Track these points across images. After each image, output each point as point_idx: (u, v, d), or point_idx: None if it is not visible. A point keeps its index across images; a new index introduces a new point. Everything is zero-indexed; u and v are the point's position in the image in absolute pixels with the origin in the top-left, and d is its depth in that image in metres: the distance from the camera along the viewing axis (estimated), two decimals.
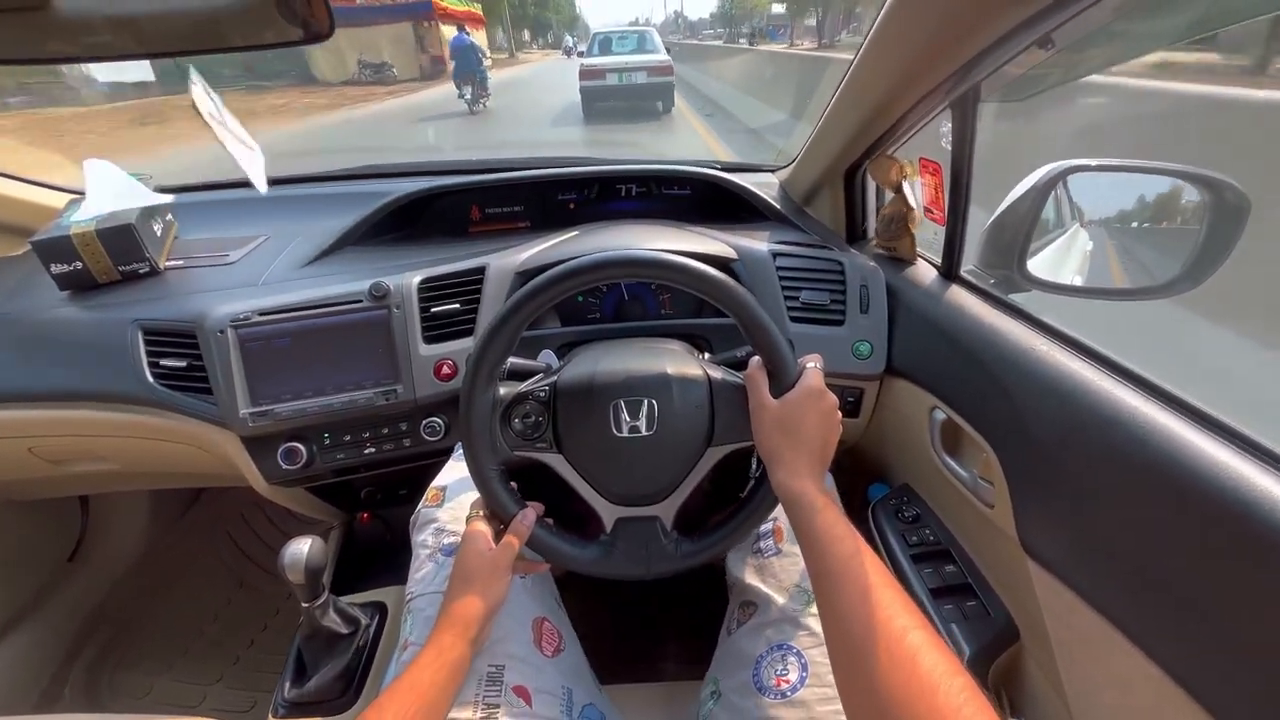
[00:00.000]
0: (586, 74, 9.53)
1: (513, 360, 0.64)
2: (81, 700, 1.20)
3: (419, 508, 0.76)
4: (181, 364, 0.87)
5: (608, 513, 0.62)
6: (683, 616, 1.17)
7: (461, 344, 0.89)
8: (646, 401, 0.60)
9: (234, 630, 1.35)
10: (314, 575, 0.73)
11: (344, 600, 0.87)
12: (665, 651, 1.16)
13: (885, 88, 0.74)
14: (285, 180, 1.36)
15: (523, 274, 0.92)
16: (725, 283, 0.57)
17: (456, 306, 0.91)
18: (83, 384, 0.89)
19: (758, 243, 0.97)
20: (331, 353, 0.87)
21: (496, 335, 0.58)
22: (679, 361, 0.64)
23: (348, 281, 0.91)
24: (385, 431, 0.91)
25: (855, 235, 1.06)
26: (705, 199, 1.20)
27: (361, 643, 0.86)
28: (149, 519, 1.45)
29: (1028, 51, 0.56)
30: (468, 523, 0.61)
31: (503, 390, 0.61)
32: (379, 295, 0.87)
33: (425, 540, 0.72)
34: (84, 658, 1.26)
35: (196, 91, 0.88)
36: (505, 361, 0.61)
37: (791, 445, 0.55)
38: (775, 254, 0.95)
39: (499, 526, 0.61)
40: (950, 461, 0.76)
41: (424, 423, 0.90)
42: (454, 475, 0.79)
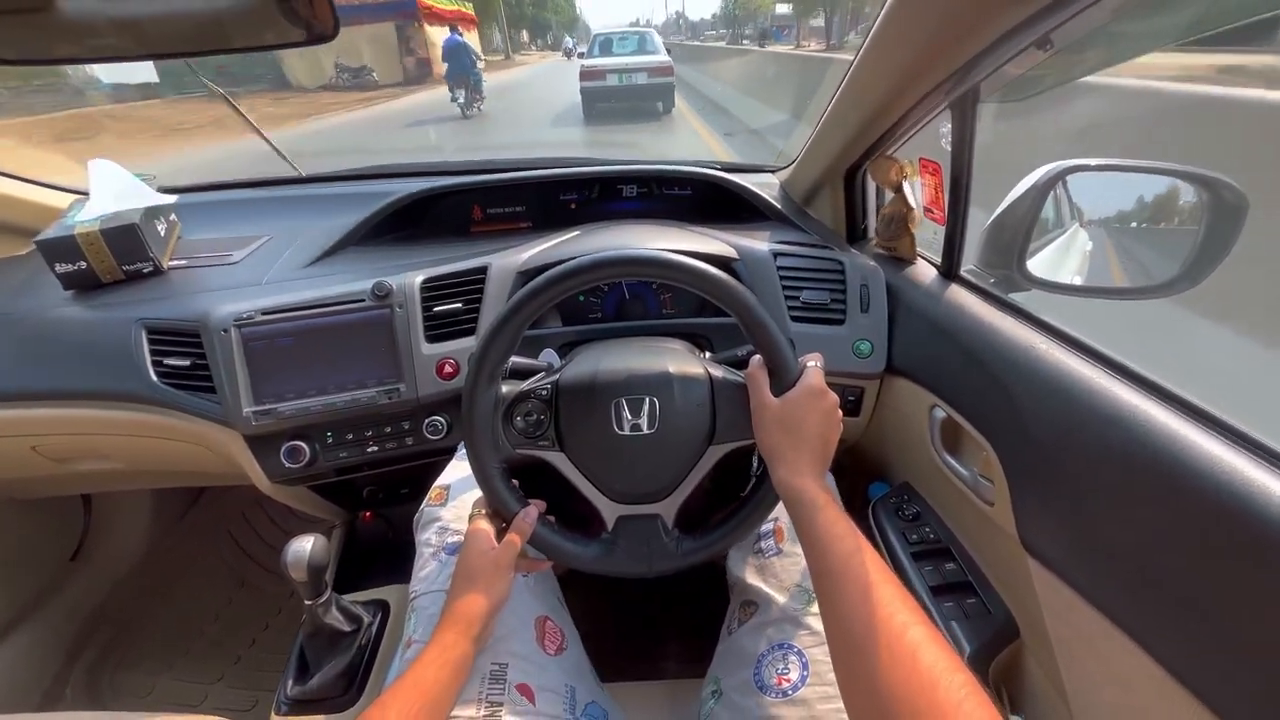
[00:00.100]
0: (587, 75, 9.55)
1: (515, 359, 0.64)
2: (83, 699, 1.20)
3: (422, 506, 0.76)
4: (185, 363, 0.88)
5: (609, 511, 0.62)
6: (684, 615, 1.17)
7: (463, 343, 0.90)
8: (648, 400, 0.60)
9: (236, 629, 1.35)
10: (317, 573, 0.73)
11: (346, 598, 0.88)
12: (666, 650, 1.16)
13: (885, 88, 0.74)
14: (287, 181, 1.37)
15: (524, 274, 0.92)
16: (726, 282, 0.57)
17: (459, 306, 0.91)
18: (86, 383, 0.90)
19: (758, 242, 0.98)
20: (334, 352, 0.87)
21: (499, 334, 0.58)
22: (680, 360, 0.64)
23: (350, 281, 0.92)
24: (388, 430, 0.91)
25: (856, 235, 1.07)
26: (706, 199, 1.20)
27: (364, 640, 0.87)
28: (151, 518, 1.45)
29: (1026, 52, 0.57)
30: (470, 521, 0.61)
31: (505, 389, 0.62)
32: (381, 295, 0.88)
33: (429, 539, 0.72)
34: (86, 657, 1.26)
35: None
36: (507, 360, 0.61)
37: (792, 444, 0.56)
38: (776, 253, 0.96)
39: (501, 525, 0.61)
40: (950, 460, 0.76)
41: (426, 421, 0.90)
42: (457, 474, 0.79)
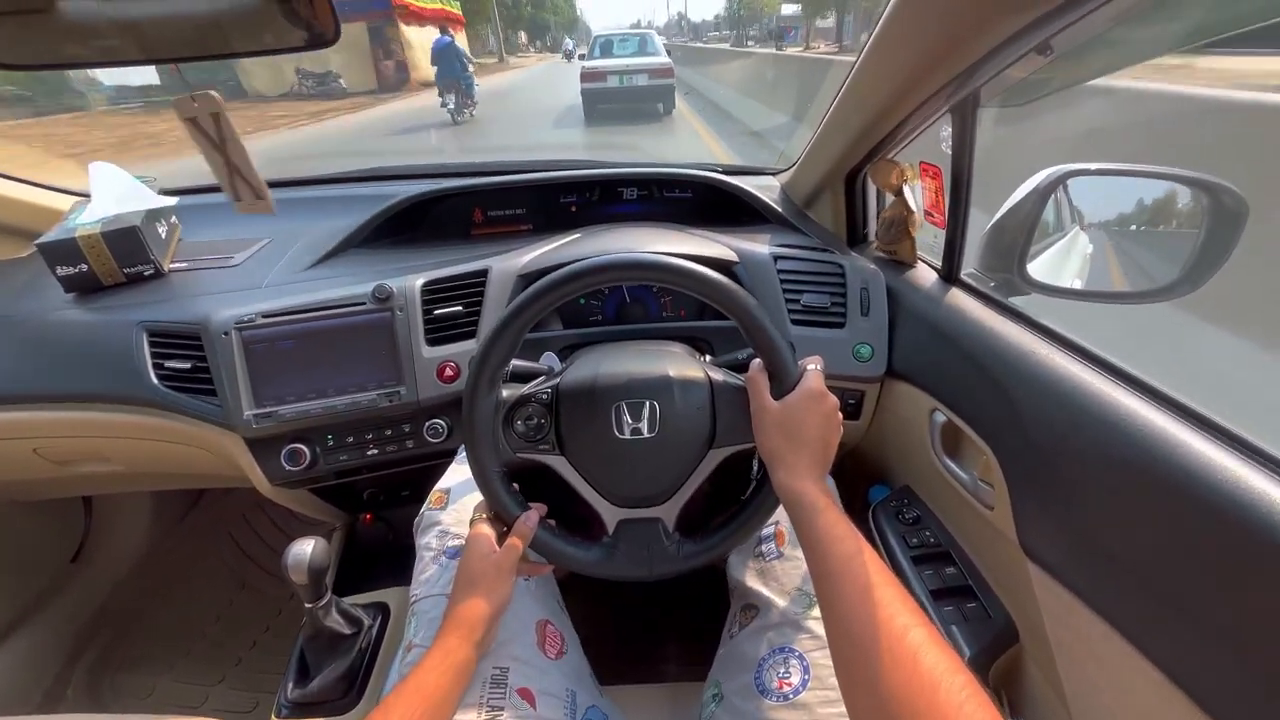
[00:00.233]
0: (588, 76, 9.60)
1: (515, 363, 0.64)
2: (84, 700, 1.20)
3: (423, 510, 0.76)
4: (186, 366, 0.88)
5: (610, 514, 0.62)
6: (684, 619, 1.17)
7: (464, 346, 0.90)
8: (648, 403, 0.60)
9: (236, 631, 1.35)
10: (317, 576, 0.73)
11: (346, 601, 0.88)
12: (667, 653, 1.16)
13: (886, 92, 0.74)
14: (287, 183, 1.37)
15: (525, 276, 0.92)
16: (726, 285, 0.57)
17: (459, 309, 0.91)
18: (87, 385, 0.90)
19: (759, 245, 0.98)
20: (335, 355, 0.88)
21: (500, 338, 0.58)
22: (680, 364, 0.64)
23: (351, 284, 0.92)
24: (388, 433, 0.92)
25: (856, 238, 1.07)
26: (706, 202, 1.20)
27: (364, 643, 0.87)
28: (152, 520, 1.45)
29: (1026, 58, 0.57)
30: (471, 525, 0.61)
31: (505, 392, 0.62)
32: (382, 298, 0.88)
33: (429, 543, 0.72)
34: (87, 658, 1.26)
35: None
36: (508, 364, 0.61)
37: (793, 447, 0.56)
38: (776, 257, 0.96)
39: (502, 529, 0.61)
40: (950, 464, 0.76)
41: (426, 424, 0.90)
42: (458, 478, 0.79)
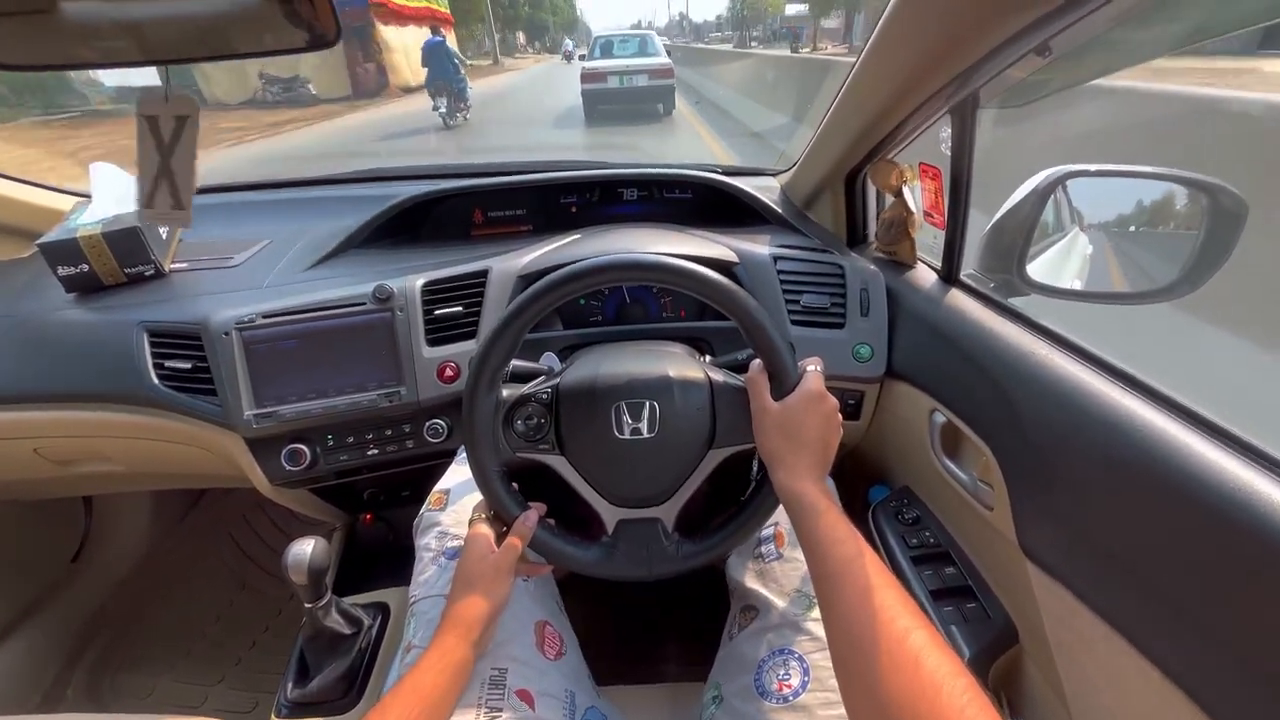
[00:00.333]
0: (588, 77, 9.61)
1: (515, 363, 0.65)
2: (84, 700, 1.20)
3: (422, 511, 0.77)
4: (186, 366, 0.88)
5: (609, 514, 0.62)
6: (684, 619, 1.17)
7: (464, 346, 0.90)
8: (648, 404, 0.60)
9: (236, 631, 1.35)
10: (317, 576, 0.73)
11: (346, 601, 0.88)
12: (666, 654, 1.16)
13: (886, 93, 0.74)
14: (288, 184, 1.37)
15: (525, 277, 0.92)
16: (726, 286, 0.57)
17: (459, 309, 0.91)
18: (88, 385, 0.90)
19: (759, 246, 0.98)
20: (335, 355, 0.88)
21: (500, 338, 0.58)
22: (680, 364, 0.64)
23: (351, 284, 0.92)
24: (388, 433, 0.92)
25: (856, 239, 1.07)
26: (706, 203, 1.20)
27: (364, 643, 0.87)
28: (152, 520, 1.45)
29: (1026, 59, 0.57)
30: (470, 526, 0.61)
31: (505, 392, 0.62)
32: (383, 298, 0.88)
33: (428, 543, 0.72)
34: (87, 658, 1.26)
35: None
36: (508, 365, 0.61)
37: (792, 448, 0.56)
38: (776, 257, 0.96)
39: (501, 530, 0.61)
40: (950, 464, 0.76)
41: (427, 424, 0.90)
42: (457, 479, 0.79)
